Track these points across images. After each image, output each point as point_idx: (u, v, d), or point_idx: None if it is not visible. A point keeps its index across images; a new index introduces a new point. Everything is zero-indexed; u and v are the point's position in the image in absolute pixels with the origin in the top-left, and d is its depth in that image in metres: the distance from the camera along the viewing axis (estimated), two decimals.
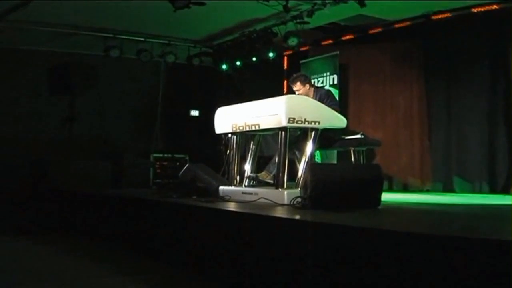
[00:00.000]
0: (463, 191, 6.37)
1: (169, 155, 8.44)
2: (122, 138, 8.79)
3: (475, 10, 6.11)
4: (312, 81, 7.75)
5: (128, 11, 6.95)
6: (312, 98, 5.07)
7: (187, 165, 5.22)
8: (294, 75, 5.36)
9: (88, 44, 8.05)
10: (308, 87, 5.19)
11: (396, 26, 6.97)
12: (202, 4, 6.52)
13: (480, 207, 4.35)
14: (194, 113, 9.57)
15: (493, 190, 6.12)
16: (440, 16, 6.44)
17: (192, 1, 6.08)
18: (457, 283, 1.96)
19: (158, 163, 8.35)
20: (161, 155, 8.46)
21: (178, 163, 8.18)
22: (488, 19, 6.17)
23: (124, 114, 9.02)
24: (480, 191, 6.22)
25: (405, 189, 7.05)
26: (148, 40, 8.25)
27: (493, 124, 6.26)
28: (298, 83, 5.17)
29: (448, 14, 6.35)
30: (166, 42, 8.42)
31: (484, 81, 6.38)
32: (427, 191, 6.75)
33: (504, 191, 5.98)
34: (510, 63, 6.08)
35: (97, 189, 6.18)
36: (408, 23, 6.83)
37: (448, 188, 6.57)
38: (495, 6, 5.93)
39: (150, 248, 4.12)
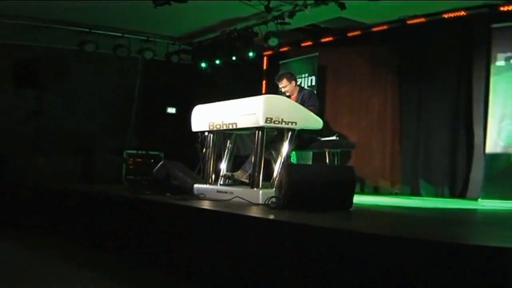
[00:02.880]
0: (428, 194, 6.54)
1: (143, 152, 8.29)
2: (95, 134, 8.55)
3: (445, 15, 6.23)
4: None
5: (106, 6, 6.82)
6: (296, 96, 5.12)
7: (161, 162, 5.19)
8: (280, 72, 5.38)
9: (61, 38, 7.81)
10: (294, 85, 5.20)
11: (374, 29, 7.06)
12: (183, 1, 6.47)
13: (441, 212, 4.49)
14: (171, 110, 9.48)
15: (452, 194, 6.33)
16: (414, 21, 6.55)
17: None
18: (424, 284, 2.00)
19: (131, 159, 8.16)
20: (135, 151, 8.28)
21: (152, 160, 8.05)
22: (456, 25, 6.33)
23: (97, 110, 8.79)
24: (442, 195, 6.42)
25: (376, 191, 7.16)
26: (126, 35, 8.13)
27: (455, 130, 6.45)
28: (285, 80, 5.17)
29: (422, 19, 6.47)
30: (145, 38, 8.31)
31: (449, 87, 6.56)
32: (396, 194, 6.87)
33: (461, 195, 6.19)
34: (473, 69, 6.25)
35: (64, 185, 6.02)
36: (385, 27, 6.92)
37: (415, 192, 6.71)
38: (463, 12, 6.07)
39: (120, 244, 4.07)
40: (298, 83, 7.65)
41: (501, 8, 5.75)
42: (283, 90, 5.15)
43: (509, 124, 5.46)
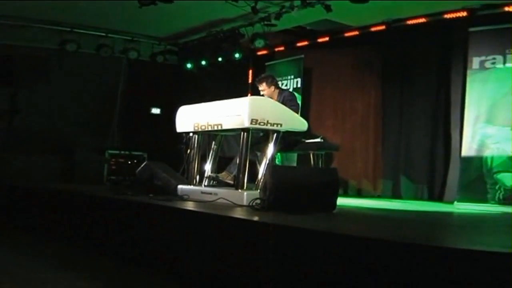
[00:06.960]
0: (408, 196, 6.61)
1: (126, 152, 8.17)
2: (76, 133, 8.38)
3: (427, 19, 6.27)
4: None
5: (89, 5, 6.74)
6: (276, 100, 5.12)
7: (145, 163, 5.14)
8: (262, 75, 5.44)
9: (41, 37, 7.67)
10: (273, 89, 5.24)
11: (359, 32, 7.11)
12: (169, 1, 6.43)
13: (420, 214, 4.53)
14: (156, 111, 9.41)
15: (431, 197, 6.40)
16: (398, 24, 6.61)
17: None
18: (406, 286, 2.01)
19: (113, 160, 8.01)
20: (117, 151, 8.15)
21: (135, 161, 7.95)
22: (437, 28, 6.40)
23: (79, 109, 8.63)
24: (421, 198, 6.50)
25: (359, 193, 7.19)
26: (109, 35, 8.03)
27: (434, 133, 6.53)
28: (264, 84, 5.22)
29: (405, 22, 6.53)
30: (129, 38, 8.24)
31: (430, 90, 6.64)
32: (378, 196, 6.92)
33: (439, 198, 6.27)
34: (451, 72, 6.33)
35: (41, 184, 5.90)
36: (369, 29, 6.97)
37: (396, 193, 6.77)
38: (443, 16, 6.13)
39: (101, 245, 4.02)
40: (284, 85, 7.75)
41: (479, 12, 5.83)
42: (262, 93, 5.20)
43: (482, 127, 5.54)
